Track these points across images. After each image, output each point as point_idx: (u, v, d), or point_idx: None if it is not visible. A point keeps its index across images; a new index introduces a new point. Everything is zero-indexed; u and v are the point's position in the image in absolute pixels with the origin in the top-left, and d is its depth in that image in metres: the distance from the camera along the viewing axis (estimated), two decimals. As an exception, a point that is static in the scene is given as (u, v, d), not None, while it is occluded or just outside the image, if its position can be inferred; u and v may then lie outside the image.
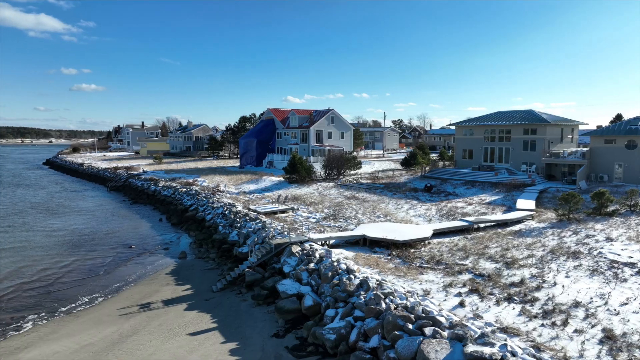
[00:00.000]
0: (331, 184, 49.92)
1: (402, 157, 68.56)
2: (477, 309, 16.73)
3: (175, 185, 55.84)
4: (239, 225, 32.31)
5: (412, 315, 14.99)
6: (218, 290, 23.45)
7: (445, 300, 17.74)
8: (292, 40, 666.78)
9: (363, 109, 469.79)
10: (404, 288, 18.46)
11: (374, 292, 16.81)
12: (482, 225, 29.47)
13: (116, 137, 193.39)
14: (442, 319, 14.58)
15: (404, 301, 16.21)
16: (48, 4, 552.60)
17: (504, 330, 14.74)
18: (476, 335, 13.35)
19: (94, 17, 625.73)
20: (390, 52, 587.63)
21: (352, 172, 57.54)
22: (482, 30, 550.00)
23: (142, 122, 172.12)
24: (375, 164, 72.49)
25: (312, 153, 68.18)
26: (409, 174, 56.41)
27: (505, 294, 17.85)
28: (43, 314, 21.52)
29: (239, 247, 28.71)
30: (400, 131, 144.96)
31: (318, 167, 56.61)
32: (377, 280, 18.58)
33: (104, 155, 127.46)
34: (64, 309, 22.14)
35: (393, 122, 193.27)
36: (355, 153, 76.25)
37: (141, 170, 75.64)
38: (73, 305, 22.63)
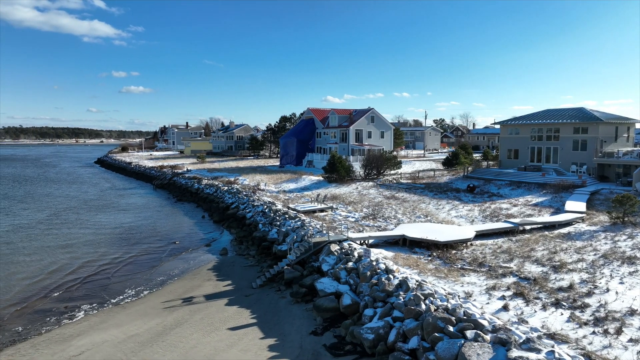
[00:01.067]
0: (370, 183, 49.58)
1: (444, 157, 67.12)
2: (522, 313, 16.10)
3: (217, 183, 57.21)
4: (278, 223, 32.68)
5: (453, 318, 14.61)
6: (258, 286, 23.80)
7: (488, 303, 17.19)
8: (332, 40, 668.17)
9: (403, 109, 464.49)
10: (445, 290, 18.04)
11: (414, 293, 16.53)
12: (527, 227, 28.35)
13: (162, 137, 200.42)
14: (485, 322, 14.13)
15: (445, 303, 15.84)
16: (101, 10, 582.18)
17: (551, 336, 14.10)
18: (521, 340, 12.84)
19: (143, 22, 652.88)
20: (431, 51, 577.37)
21: (392, 171, 56.92)
22: (528, 25, 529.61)
23: (187, 123, 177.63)
24: (415, 163, 71.37)
25: (352, 152, 67.99)
26: (450, 174, 55.17)
27: (553, 299, 17.07)
28: (94, 304, 22.58)
29: (278, 244, 29.03)
30: (441, 130, 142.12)
31: (357, 167, 56.40)
32: (416, 281, 18.26)
33: (151, 155, 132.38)
34: (112, 300, 23.15)
35: (434, 121, 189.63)
36: (395, 153, 75.38)
37: (185, 169, 77.99)
38: (121, 297, 23.62)
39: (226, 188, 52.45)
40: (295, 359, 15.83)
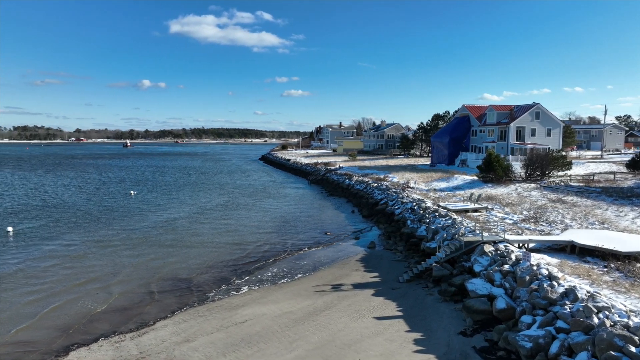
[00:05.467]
0: (532, 185, 44.97)
1: (629, 159, 57.22)
2: None
3: (367, 180, 58.43)
4: (427, 220, 31.93)
5: (636, 337, 12.40)
6: (404, 281, 23.64)
7: (685, 328, 14.12)
8: (489, 35, 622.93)
9: (576, 105, 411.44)
10: (625, 306, 15.41)
11: (584, 304, 14.50)
12: None
13: (317, 136, 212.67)
14: (681, 348, 11.68)
15: (625, 319, 13.54)
16: (269, 22, 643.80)
17: None
18: None
19: (304, 30, 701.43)
20: (611, 37, 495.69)
21: (560, 173, 50.67)
22: None
23: (340, 123, 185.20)
24: (590, 165, 62.39)
25: (511, 152, 62.63)
26: (637, 177, 46.77)
27: None
28: (254, 281, 25.18)
29: (427, 242, 28.38)
30: (626, 129, 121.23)
31: (517, 167, 51.71)
32: (587, 292, 15.97)
33: (307, 153, 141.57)
34: (270, 279, 25.50)
35: (617, 118, 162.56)
36: (563, 152, 66.97)
37: (337, 166, 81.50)
38: (277, 277, 25.87)
39: (376, 185, 53.22)
40: (441, 356, 15.31)
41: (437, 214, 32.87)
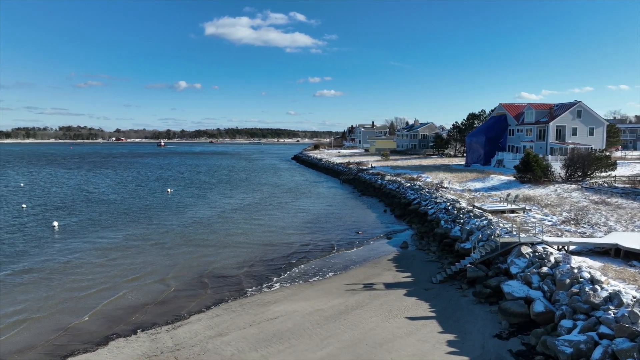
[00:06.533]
0: (573, 186, 43.27)
1: (679, 159, 54.11)
2: None
3: (399, 180, 57.79)
4: (462, 221, 31.26)
5: (687, 346, 11.72)
6: (438, 282, 23.23)
7: None
8: (528, 33, 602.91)
9: (621, 103, 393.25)
10: (675, 312, 14.57)
11: (629, 309, 13.82)
12: None
13: (349, 136, 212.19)
14: None
15: (675, 327, 12.81)
16: (302, 23, 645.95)
17: None
18: None
19: (337, 30, 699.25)
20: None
21: (603, 174, 48.52)
22: None
23: (372, 122, 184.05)
24: (636, 166, 59.44)
25: (551, 151, 60.48)
26: (688, 179, 44.16)
27: None
28: (286, 279, 25.34)
29: (461, 242, 27.79)
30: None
31: (557, 167, 49.85)
32: (633, 297, 15.22)
33: (339, 152, 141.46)
34: (302, 277, 25.61)
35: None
36: (607, 153, 64.10)
37: (370, 166, 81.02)
38: (308, 275, 25.95)
39: (408, 184, 52.56)
40: (476, 359, 14.96)
41: (472, 214, 32.14)
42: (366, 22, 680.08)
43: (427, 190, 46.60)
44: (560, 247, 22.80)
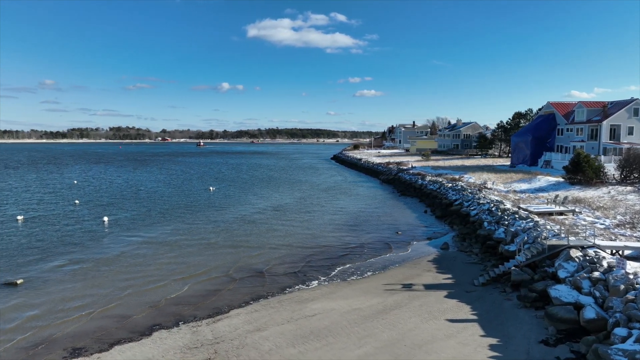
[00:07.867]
0: (629, 188, 40.82)
1: None
2: None
3: (441, 180, 56.57)
4: (506, 222, 30.18)
5: None
6: (480, 284, 22.52)
7: None
8: (578, 30, 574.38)
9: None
10: None
11: (691, 319, 12.85)
12: None
13: (389, 136, 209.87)
14: None
15: None
16: (343, 23, 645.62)
17: None
18: None
19: (378, 30, 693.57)
20: None
21: (662, 175, 45.48)
22: None
23: (413, 122, 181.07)
24: (699, 167, 55.35)
25: (604, 151, 57.36)
26: None
27: None
28: (324, 277, 25.33)
29: (505, 244, 26.83)
30: None
31: (610, 168, 47.21)
32: (696, 306, 14.14)
33: (378, 152, 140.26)
34: (340, 276, 25.52)
35: None
36: (667, 153, 59.99)
37: (410, 166, 79.82)
38: (347, 274, 25.82)
39: (450, 185, 51.35)
40: (520, 365, 14.36)
41: (517, 215, 30.96)
42: (407, 21, 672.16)
43: (469, 191, 45.35)
44: (614, 251, 21.54)
